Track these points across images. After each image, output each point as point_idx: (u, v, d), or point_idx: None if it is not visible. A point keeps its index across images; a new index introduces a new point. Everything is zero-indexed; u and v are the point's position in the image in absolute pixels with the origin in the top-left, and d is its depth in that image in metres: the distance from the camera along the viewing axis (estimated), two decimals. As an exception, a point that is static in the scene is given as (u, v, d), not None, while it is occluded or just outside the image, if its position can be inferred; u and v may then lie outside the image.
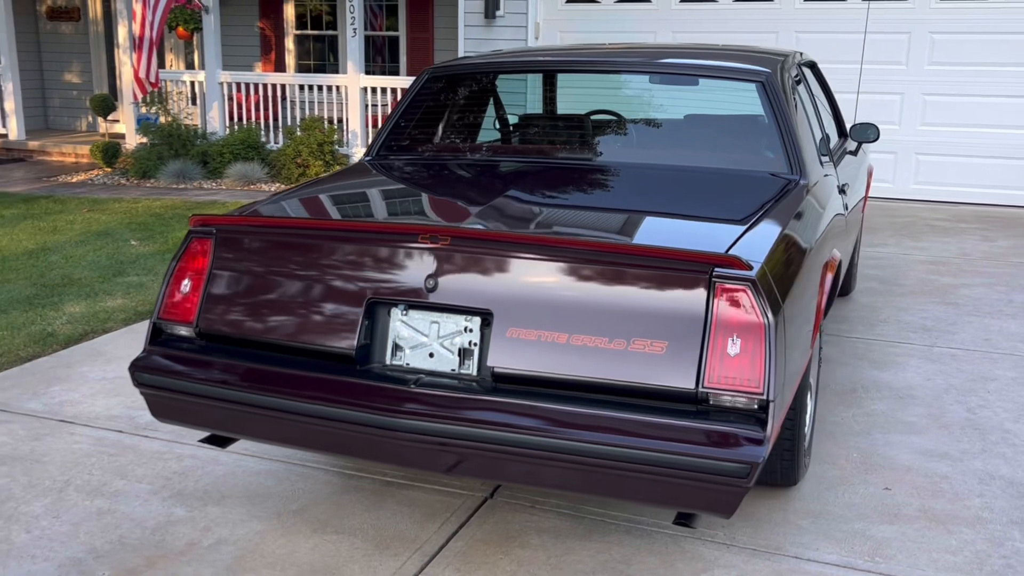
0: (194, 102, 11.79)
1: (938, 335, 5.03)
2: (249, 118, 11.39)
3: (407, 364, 2.55)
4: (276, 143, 11.02)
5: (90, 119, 13.65)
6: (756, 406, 2.24)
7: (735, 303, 2.27)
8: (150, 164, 10.71)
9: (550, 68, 3.96)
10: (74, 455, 3.51)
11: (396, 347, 2.57)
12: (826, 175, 3.60)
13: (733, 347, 2.26)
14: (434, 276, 2.50)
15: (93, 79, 13.92)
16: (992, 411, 4.01)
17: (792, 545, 2.94)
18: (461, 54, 10.47)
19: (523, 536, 2.97)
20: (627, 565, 2.82)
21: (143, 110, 11.34)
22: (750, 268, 2.28)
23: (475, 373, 2.47)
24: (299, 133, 10.23)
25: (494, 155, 3.70)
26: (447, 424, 2.35)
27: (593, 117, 3.73)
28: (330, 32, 12.38)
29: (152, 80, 10.55)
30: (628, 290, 2.35)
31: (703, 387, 2.27)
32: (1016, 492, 3.30)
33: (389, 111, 10.45)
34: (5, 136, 12.89)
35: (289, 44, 12.65)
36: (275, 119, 11.18)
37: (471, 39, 10.26)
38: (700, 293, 2.29)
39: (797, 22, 9.31)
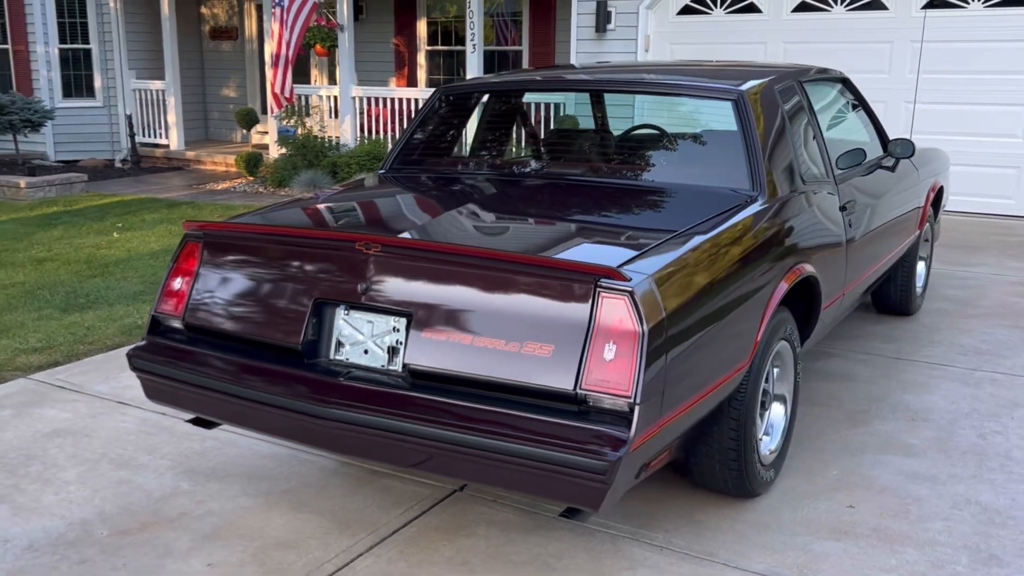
0: (334, 116, 12.53)
1: (988, 359, 4.87)
2: (380, 131, 12.01)
3: (347, 359, 2.83)
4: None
5: (244, 131, 14.70)
6: (623, 408, 2.39)
7: (614, 312, 2.43)
8: (285, 174, 11.49)
9: (541, 88, 4.16)
10: (118, 432, 3.98)
11: (339, 344, 2.86)
12: (813, 192, 3.63)
13: (609, 353, 2.42)
14: (368, 280, 2.77)
15: (247, 94, 14.99)
16: (1005, 438, 3.91)
17: (725, 552, 3.03)
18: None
19: (472, 527, 3.19)
20: (557, 559, 2.99)
21: (284, 123, 12.16)
22: (629, 280, 2.43)
23: (400, 370, 2.73)
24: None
25: (481, 169, 3.93)
26: (362, 414, 2.62)
27: (574, 132, 3.91)
28: (458, 48, 12.86)
29: (287, 95, 11.33)
30: (525, 297, 2.55)
31: (581, 388, 2.44)
32: (986, 519, 3.24)
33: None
34: (167, 146, 14.09)
35: (421, 59, 13.23)
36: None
37: (583, 53, 10.48)
38: (585, 302, 2.46)
39: (913, 31, 9.02)
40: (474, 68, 11.10)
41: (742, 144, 3.38)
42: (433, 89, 10.36)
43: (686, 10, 10.05)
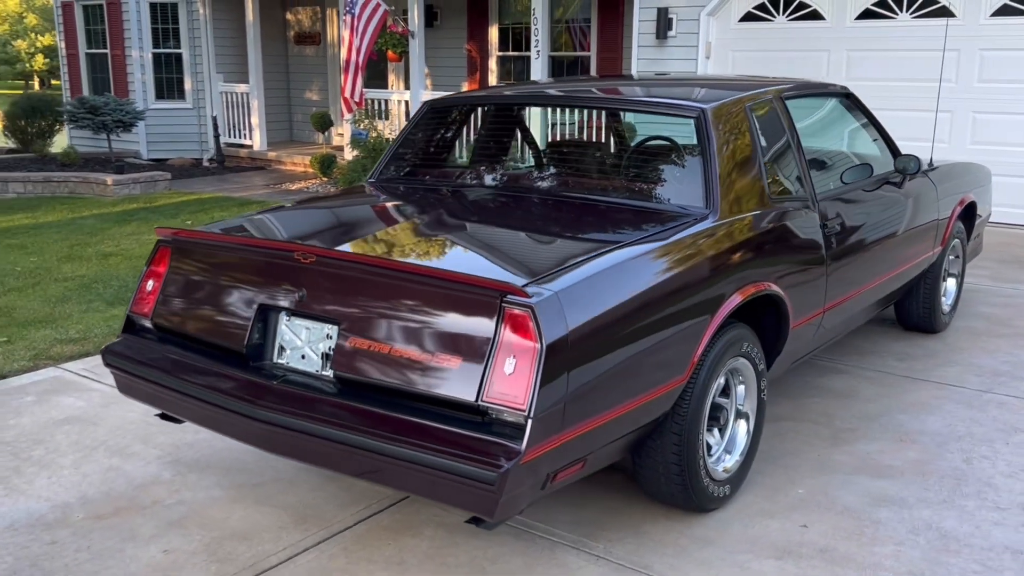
0: (406, 119, 12.78)
1: (1003, 382, 4.70)
2: (447, 134, 12.19)
3: (287, 363, 2.96)
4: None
5: (325, 132, 15.12)
6: (519, 421, 2.45)
7: (516, 327, 2.49)
8: (355, 175, 11.79)
9: (519, 102, 4.22)
10: (121, 422, 4.22)
11: (281, 348, 2.99)
12: (782, 210, 3.60)
13: (509, 367, 2.48)
14: (306, 289, 2.90)
15: (328, 97, 15.41)
16: (992, 463, 3.79)
17: (661, 565, 3.04)
18: (634, 73, 10.67)
19: (421, 527, 3.28)
20: (492, 563, 3.06)
21: (357, 126, 12.48)
22: (530, 297, 2.48)
23: (330, 376, 2.84)
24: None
25: (446, 181, 4.00)
26: (285, 416, 2.75)
27: (541, 147, 3.95)
28: (527, 53, 12.95)
29: (356, 100, 11.63)
30: (438, 310, 2.63)
31: (482, 401, 2.50)
32: (941, 545, 3.17)
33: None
34: (251, 147, 14.62)
35: (492, 65, 13.39)
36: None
37: (644, 59, 10.46)
38: (491, 317, 2.53)
39: (982, 39, 8.71)
40: (537, 73, 11.19)
41: (700, 162, 3.38)
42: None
43: (748, 17, 9.92)
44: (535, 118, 4.14)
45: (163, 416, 3.36)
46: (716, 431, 3.43)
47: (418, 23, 12.11)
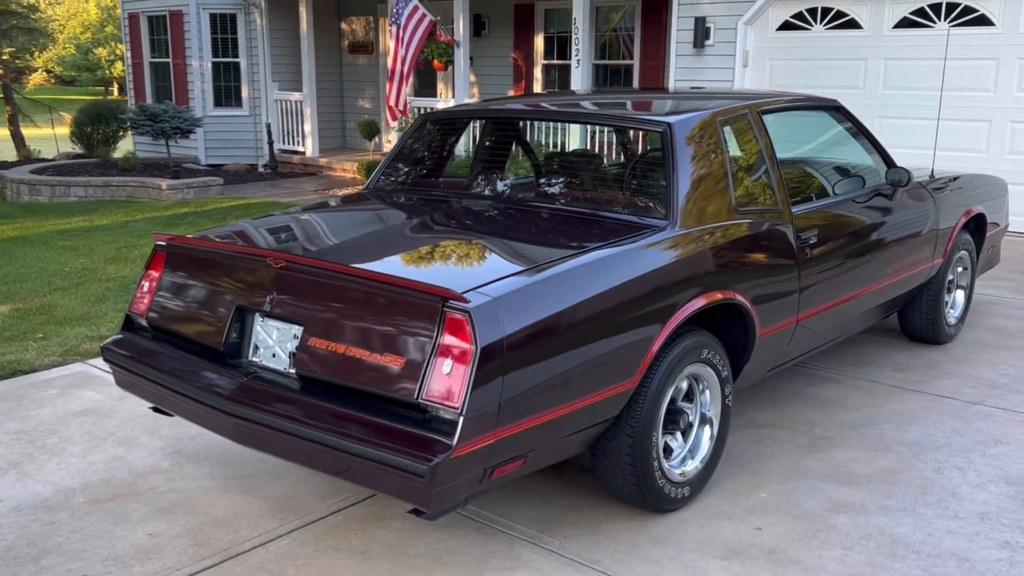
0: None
1: (998, 394, 4.71)
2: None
3: (260, 362, 3.17)
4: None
5: (376, 139, 15.47)
6: (451, 418, 2.61)
7: (453, 330, 2.66)
8: (398, 181, 12.07)
9: (503, 117, 4.38)
10: (133, 415, 4.49)
11: (256, 347, 3.20)
12: (750, 221, 3.69)
13: (447, 367, 2.65)
14: (277, 291, 3.10)
15: (379, 105, 15.74)
16: (962, 474, 3.82)
17: (610, 561, 3.17)
18: (672, 83, 10.75)
19: (390, 520, 3.46)
20: (449, 555, 3.23)
21: (402, 133, 12.77)
22: (468, 302, 2.65)
23: (294, 373, 3.04)
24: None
25: (428, 191, 4.19)
26: (250, 411, 2.95)
27: (517, 158, 4.11)
28: (571, 62, 13.09)
29: (401, 108, 11.92)
30: (388, 313, 2.81)
31: (421, 399, 2.67)
32: (889, 551, 3.24)
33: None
34: (303, 153, 15.03)
35: (537, 73, 13.56)
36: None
37: (681, 68, 10.52)
38: (433, 320, 2.70)
39: (1021, 47, 8.59)
40: (578, 81, 11.32)
41: (662, 174, 3.50)
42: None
43: (786, 26, 9.93)
44: (516, 132, 4.30)
45: (155, 409, 3.59)
46: (679, 435, 3.54)
47: (463, 33, 12.35)
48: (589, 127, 4.20)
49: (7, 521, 3.48)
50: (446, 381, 2.64)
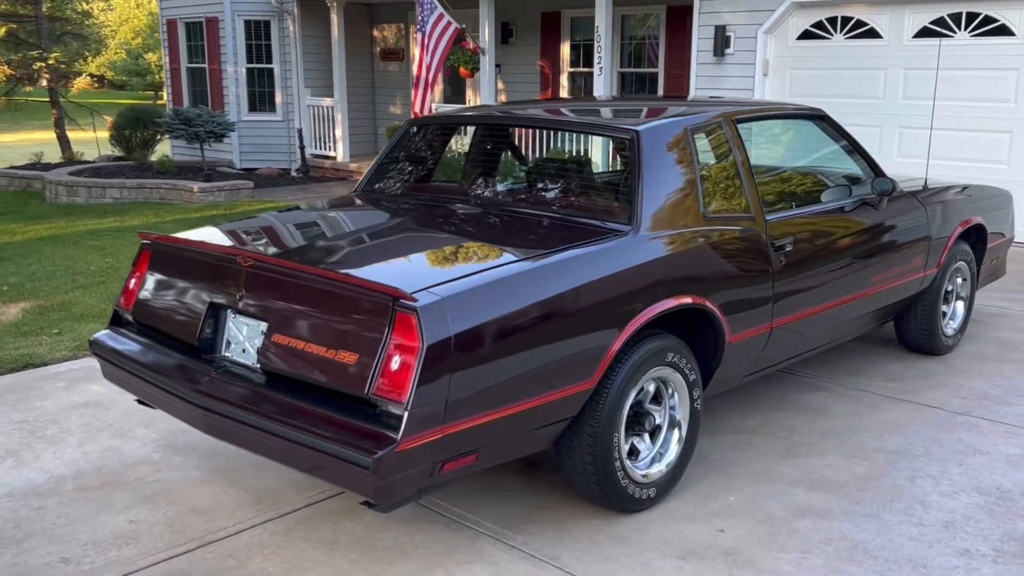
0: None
1: (986, 406, 4.69)
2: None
3: (232, 357, 3.29)
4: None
5: (406, 145, 15.63)
6: (398, 413, 2.70)
7: (402, 328, 2.75)
8: (423, 186, 12.22)
9: (481, 123, 4.48)
10: (131, 408, 4.63)
11: (228, 343, 3.32)
12: (719, 227, 3.74)
13: (395, 363, 2.74)
14: (246, 289, 3.22)
15: (410, 110, 15.94)
16: (935, 483, 3.84)
17: (568, 558, 3.24)
18: (692, 91, 10.78)
19: (361, 513, 3.56)
20: (414, 547, 3.32)
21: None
22: (416, 301, 2.74)
23: (259, 367, 3.16)
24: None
25: (408, 194, 4.30)
26: (218, 402, 3.08)
27: (485, 163, 4.21)
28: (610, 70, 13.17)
29: (426, 114, 12.06)
30: (343, 310, 2.92)
31: (371, 393, 2.77)
32: (848, 555, 3.27)
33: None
34: (335, 158, 15.25)
35: (563, 80, 13.65)
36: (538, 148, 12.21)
37: (702, 76, 10.55)
38: (384, 317, 2.80)
39: (1041, 58, 8.51)
40: (600, 89, 11.38)
41: (629, 181, 3.57)
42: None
43: (806, 35, 9.91)
44: (493, 139, 4.40)
45: (139, 402, 3.73)
46: (647, 436, 3.60)
47: (488, 40, 12.48)
48: (564, 134, 4.26)
49: (1, 505, 3.65)
50: (394, 377, 2.74)
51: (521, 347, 2.97)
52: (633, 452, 3.55)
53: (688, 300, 3.51)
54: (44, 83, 20.04)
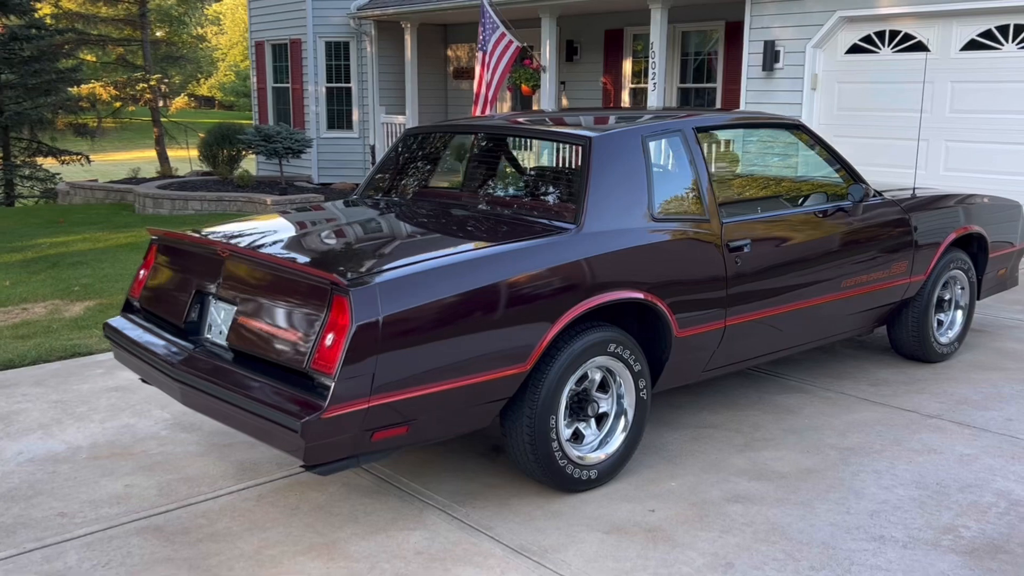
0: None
1: (962, 410, 4.77)
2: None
3: (211, 338, 3.70)
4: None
5: (476, 161, 16.12)
6: (328, 384, 3.05)
7: (336, 309, 3.10)
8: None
9: (461, 131, 4.81)
10: (154, 392, 5.11)
11: (210, 325, 3.74)
12: (669, 227, 3.98)
13: (329, 340, 3.10)
14: (223, 277, 3.63)
15: (481, 127, 16.42)
16: (877, 477, 3.98)
17: (501, 529, 3.53)
18: (742, 105, 10.90)
19: (329, 485, 3.93)
20: (366, 515, 3.66)
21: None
22: (348, 286, 3.09)
23: (227, 346, 3.55)
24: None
25: (391, 196, 4.68)
26: (191, 376, 3.48)
27: (464, 168, 4.55)
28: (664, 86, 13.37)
29: (485, 129, 12.48)
30: (293, 295, 3.29)
31: (308, 367, 3.13)
32: (764, 536, 3.46)
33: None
34: (407, 173, 15.82)
35: (625, 96, 13.90)
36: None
37: (752, 91, 10.67)
38: (323, 301, 3.16)
39: (1089, 70, 8.38)
40: (653, 104, 11.59)
41: (578, 183, 3.85)
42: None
43: (854, 49, 9.95)
44: (467, 145, 4.76)
45: (143, 380, 4.17)
46: (593, 422, 3.86)
47: (549, 58, 12.83)
48: (530, 141, 4.59)
49: (19, 469, 4.13)
50: (327, 352, 3.09)
51: (452, 331, 3.29)
52: (578, 436, 3.82)
53: (629, 295, 3.77)
54: (144, 103, 21.29)
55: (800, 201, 4.53)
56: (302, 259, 3.55)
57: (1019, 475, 3.99)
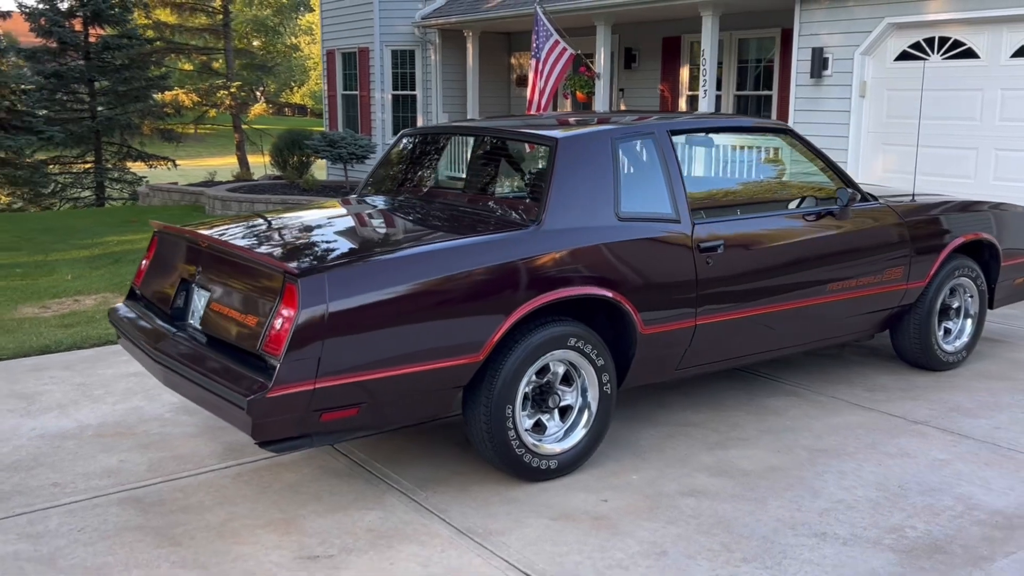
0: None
1: (951, 417, 4.73)
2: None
3: (193, 323, 3.95)
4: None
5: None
6: (275, 365, 3.25)
7: (287, 297, 3.30)
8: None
9: (447, 133, 4.96)
10: (171, 378, 5.42)
11: (193, 312, 3.98)
12: (634, 226, 4.07)
13: (278, 324, 3.30)
14: (203, 267, 3.88)
15: (542, 134, 16.58)
16: (840, 478, 3.99)
17: (455, 512, 3.68)
18: (791, 113, 10.82)
19: (303, 467, 4.13)
20: (330, 495, 3.85)
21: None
22: (297, 275, 3.29)
23: (201, 329, 3.79)
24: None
25: (377, 194, 4.87)
26: (167, 358, 3.73)
27: (445, 167, 4.68)
28: (717, 92, 13.32)
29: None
30: (254, 283, 3.51)
31: (260, 349, 3.34)
32: (707, 529, 3.53)
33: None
34: (467, 179, 16.09)
35: (682, 103, 13.88)
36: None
37: (801, 98, 10.58)
38: (277, 289, 3.37)
39: None
40: (703, 110, 11.58)
41: (544, 182, 3.98)
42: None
43: (903, 56, 9.79)
44: (451, 146, 4.94)
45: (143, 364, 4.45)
46: (556, 414, 3.98)
47: (603, 66, 12.93)
48: (504, 142, 4.74)
49: (29, 443, 4.45)
50: (276, 336, 3.29)
51: (403, 320, 3.45)
52: (540, 427, 3.94)
53: (589, 291, 3.87)
54: (226, 109, 22.09)
55: (780, 203, 4.57)
56: (265, 251, 3.77)
57: (986, 480, 3.96)
